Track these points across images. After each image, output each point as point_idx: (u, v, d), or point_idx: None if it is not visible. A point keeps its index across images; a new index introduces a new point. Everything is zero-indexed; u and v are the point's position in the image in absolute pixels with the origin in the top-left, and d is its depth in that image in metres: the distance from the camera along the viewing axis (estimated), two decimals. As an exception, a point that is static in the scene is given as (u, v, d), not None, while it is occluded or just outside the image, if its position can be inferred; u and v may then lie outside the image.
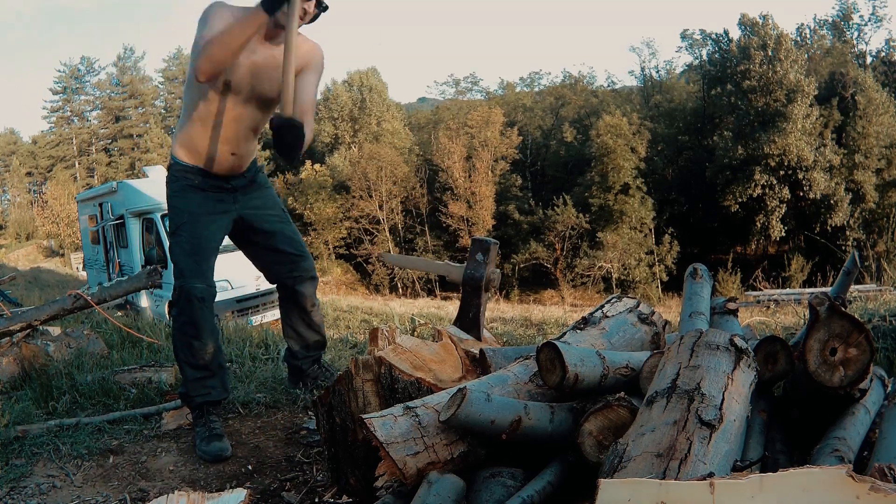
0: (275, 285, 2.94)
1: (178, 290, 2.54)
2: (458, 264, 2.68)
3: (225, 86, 2.44)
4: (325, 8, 2.44)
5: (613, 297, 2.07)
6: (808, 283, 21.28)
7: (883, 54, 35.02)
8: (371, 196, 35.02)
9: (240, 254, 2.91)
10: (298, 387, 3.03)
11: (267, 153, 33.63)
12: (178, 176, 2.59)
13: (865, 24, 35.37)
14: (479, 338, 2.46)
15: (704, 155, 33.17)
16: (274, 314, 9.96)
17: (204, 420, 2.53)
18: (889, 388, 1.72)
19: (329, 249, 36.81)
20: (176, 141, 2.61)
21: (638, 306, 2.03)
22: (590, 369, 1.51)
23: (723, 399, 1.23)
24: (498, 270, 2.58)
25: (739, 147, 30.16)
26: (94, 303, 3.66)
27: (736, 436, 1.21)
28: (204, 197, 2.59)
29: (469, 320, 2.52)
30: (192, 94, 2.50)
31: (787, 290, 13.23)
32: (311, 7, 2.37)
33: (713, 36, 34.92)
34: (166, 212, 11.87)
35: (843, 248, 23.90)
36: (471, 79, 58.24)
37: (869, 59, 35.00)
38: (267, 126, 2.50)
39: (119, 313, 9.30)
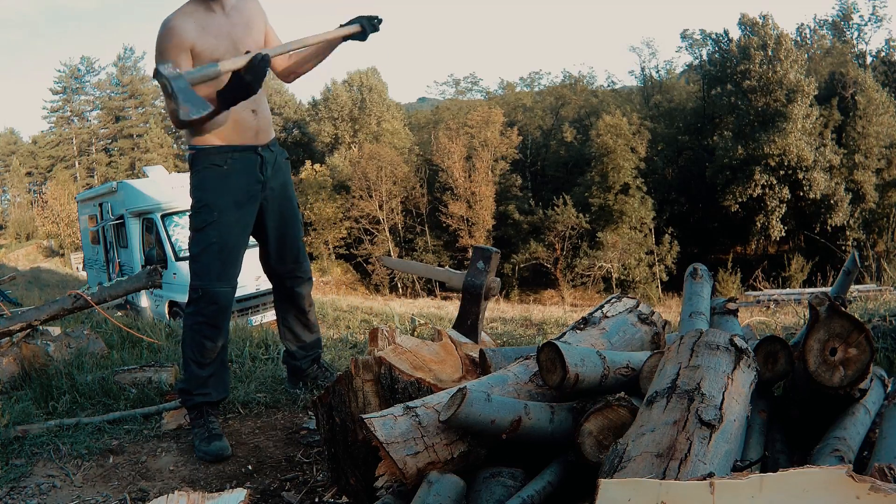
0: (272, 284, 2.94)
1: (199, 291, 2.49)
2: (458, 271, 2.68)
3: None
4: None
5: (613, 297, 2.06)
6: (808, 283, 21.27)
7: (883, 54, 35.03)
8: (371, 196, 35.01)
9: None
10: (298, 387, 3.03)
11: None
12: (205, 164, 2.51)
13: (865, 24, 35.41)
14: (476, 342, 2.47)
15: (704, 155, 33.18)
16: (274, 314, 9.95)
17: (202, 420, 2.53)
18: (889, 388, 1.72)
19: (329, 249, 36.80)
20: (192, 132, 2.53)
21: (638, 306, 2.03)
22: (590, 369, 1.51)
23: (723, 399, 1.23)
24: (498, 279, 2.59)
25: (739, 147, 30.17)
26: (94, 303, 3.66)
27: (736, 436, 1.21)
28: (232, 189, 2.51)
29: (467, 327, 2.52)
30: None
31: (787, 290, 13.23)
32: None
33: (713, 36, 34.96)
34: (167, 211, 11.87)
35: (843, 248, 23.90)
36: (471, 79, 58.22)
37: (869, 59, 35.01)
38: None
39: (119, 313, 9.30)
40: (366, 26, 2.56)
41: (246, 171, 2.55)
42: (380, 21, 2.59)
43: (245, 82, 2.26)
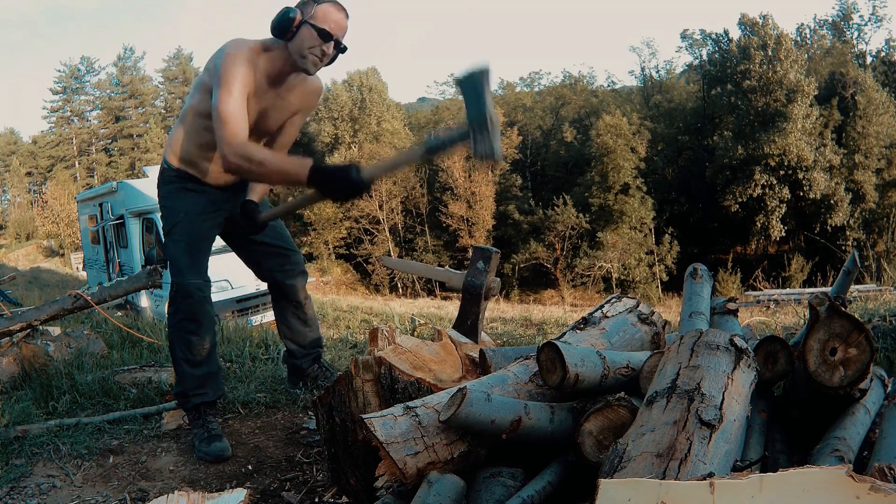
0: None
1: (175, 287, 2.55)
2: (458, 271, 2.69)
3: None
4: (344, 49, 2.38)
5: (613, 297, 2.06)
6: (808, 283, 21.27)
7: (883, 54, 35.03)
8: (371, 196, 34.99)
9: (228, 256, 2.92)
10: (298, 387, 3.03)
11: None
12: (172, 179, 2.61)
13: (865, 24, 35.40)
14: (476, 342, 2.46)
15: (704, 155, 33.17)
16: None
17: (201, 421, 2.53)
18: (889, 388, 1.72)
19: (329, 249, 36.80)
20: (171, 149, 2.60)
21: (638, 306, 2.03)
22: (590, 369, 1.51)
23: (723, 399, 1.23)
24: (498, 279, 2.59)
25: (739, 147, 30.16)
26: (94, 303, 3.66)
27: (736, 436, 1.21)
28: (197, 198, 2.60)
29: (467, 327, 2.52)
30: (198, 121, 2.47)
31: (787, 290, 13.23)
32: (329, 49, 2.32)
33: (713, 36, 34.94)
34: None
35: (843, 248, 23.91)
36: (471, 79, 58.03)
37: (869, 59, 35.01)
38: None
39: (119, 313, 9.31)
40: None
41: (209, 199, 2.62)
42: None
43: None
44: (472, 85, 2.04)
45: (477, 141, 2.02)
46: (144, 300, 11.38)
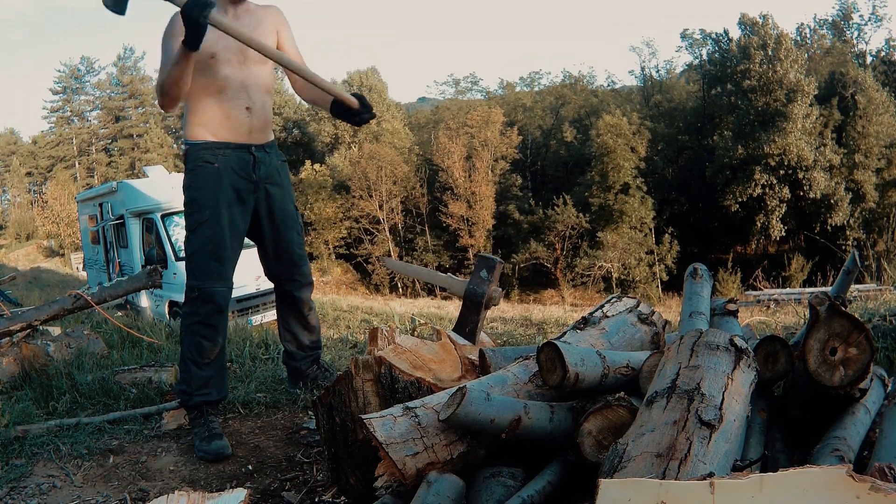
0: (273, 285, 2.94)
1: (196, 291, 2.51)
2: (460, 278, 2.69)
3: (212, 58, 2.46)
4: None
5: (613, 296, 2.06)
6: (808, 282, 21.26)
7: (883, 54, 35.04)
8: (371, 196, 34.99)
9: (241, 253, 2.87)
10: (298, 387, 3.03)
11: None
12: (197, 162, 2.52)
13: (865, 24, 35.42)
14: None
15: (704, 155, 33.16)
16: (274, 314, 9.94)
17: (202, 420, 2.53)
18: (889, 388, 1.72)
19: (329, 249, 36.79)
20: (187, 125, 2.56)
21: (638, 306, 2.03)
22: (590, 369, 1.51)
23: (723, 399, 1.23)
24: (500, 289, 2.59)
25: (739, 147, 30.15)
26: (94, 303, 3.66)
27: (736, 436, 1.21)
28: (223, 184, 2.51)
29: (465, 334, 2.53)
30: (196, 82, 2.48)
31: (787, 290, 13.25)
32: None
33: (713, 36, 34.95)
34: (167, 211, 11.88)
35: (844, 247, 23.90)
36: (471, 79, 58.08)
37: (869, 59, 35.01)
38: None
39: (119, 313, 9.30)
40: (362, 109, 2.53)
41: (237, 169, 2.55)
42: (371, 118, 2.57)
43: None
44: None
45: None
46: (144, 300, 11.37)
